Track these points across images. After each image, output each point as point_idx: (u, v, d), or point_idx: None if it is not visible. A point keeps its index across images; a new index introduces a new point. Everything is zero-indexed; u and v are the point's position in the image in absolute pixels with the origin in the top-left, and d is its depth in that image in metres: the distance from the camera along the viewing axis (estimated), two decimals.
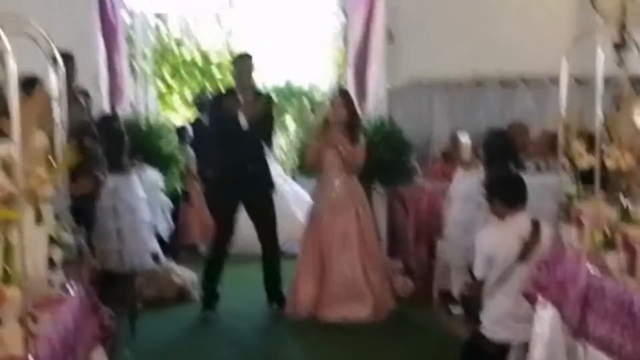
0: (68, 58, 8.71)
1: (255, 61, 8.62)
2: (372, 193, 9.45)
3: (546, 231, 6.11)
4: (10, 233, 3.43)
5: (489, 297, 6.18)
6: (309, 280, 8.16)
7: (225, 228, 8.51)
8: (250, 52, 8.75)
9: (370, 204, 9.34)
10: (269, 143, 8.91)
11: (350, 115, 8.24)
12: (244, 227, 8.68)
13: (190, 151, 10.77)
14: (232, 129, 8.27)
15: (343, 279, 8.05)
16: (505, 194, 6.35)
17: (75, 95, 8.92)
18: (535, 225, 6.14)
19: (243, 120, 8.25)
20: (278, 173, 11.83)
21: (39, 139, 4.23)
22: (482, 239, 6.35)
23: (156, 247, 8.77)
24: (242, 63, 8.56)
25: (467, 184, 8.23)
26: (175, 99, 13.60)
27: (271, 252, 8.56)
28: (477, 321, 6.21)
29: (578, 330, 4.95)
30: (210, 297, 8.50)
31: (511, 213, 6.23)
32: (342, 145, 8.13)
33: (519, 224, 6.15)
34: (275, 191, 8.86)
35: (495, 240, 6.23)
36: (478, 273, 6.30)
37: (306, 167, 9.11)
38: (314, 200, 8.53)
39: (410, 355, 7.22)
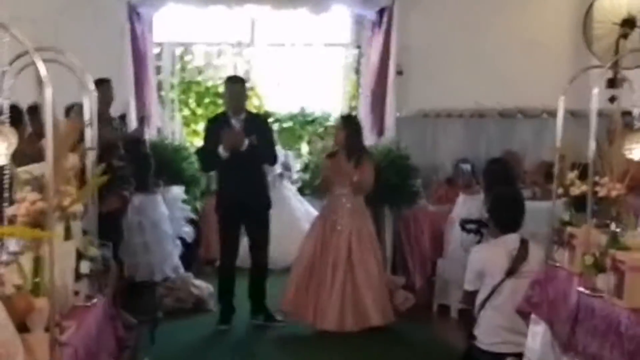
0: (105, 82, 8.77)
1: (246, 84, 8.50)
2: (381, 214, 9.43)
3: (537, 252, 6.14)
4: (41, 247, 3.41)
5: (482, 311, 6.20)
6: (304, 287, 8.06)
7: (229, 246, 8.38)
8: (241, 76, 8.62)
9: (379, 225, 9.34)
10: (272, 159, 8.74)
11: (348, 137, 8.16)
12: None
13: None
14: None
15: (340, 293, 7.97)
16: (499, 217, 6.39)
17: (110, 118, 8.97)
18: (524, 243, 6.18)
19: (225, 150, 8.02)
20: (292, 193, 11.82)
21: (71, 161, 4.22)
22: (474, 255, 6.42)
23: (177, 261, 8.76)
24: (233, 86, 8.37)
25: (468, 208, 8.25)
26: (201, 125, 13.62)
27: (259, 266, 8.42)
28: (473, 336, 6.20)
29: (568, 346, 4.97)
30: (226, 311, 8.41)
31: (504, 233, 6.27)
32: (350, 174, 8.06)
33: (508, 242, 6.19)
34: (272, 207, 8.55)
35: (485, 256, 6.30)
36: (468, 286, 6.37)
37: (320, 190, 9.01)
38: (321, 213, 8.43)
39: None
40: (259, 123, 8.42)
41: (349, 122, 8.50)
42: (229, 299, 8.43)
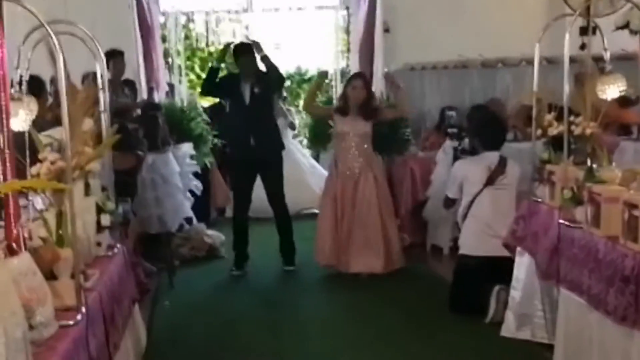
0: (118, 54, 8.74)
1: (254, 51, 8.34)
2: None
3: (514, 167, 6.52)
4: (63, 203, 3.44)
5: (465, 221, 6.62)
6: (330, 236, 8.02)
7: (243, 197, 8.43)
8: (248, 41, 8.59)
9: None
10: (280, 91, 8.73)
11: (368, 94, 8.16)
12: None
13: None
14: (238, 106, 8.19)
15: (363, 236, 7.97)
16: (485, 137, 6.70)
17: (122, 86, 8.97)
18: (502, 159, 6.56)
19: (246, 95, 8.16)
20: (297, 149, 11.85)
21: (87, 124, 4.23)
22: (457, 167, 6.92)
23: (190, 212, 8.80)
24: (243, 58, 8.27)
25: (451, 150, 8.30)
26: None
27: (282, 216, 8.45)
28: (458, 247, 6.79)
29: (546, 274, 5.03)
30: (240, 258, 8.42)
31: (486, 150, 6.64)
32: (361, 126, 8.08)
33: (489, 158, 6.58)
34: (284, 149, 8.65)
35: (466, 168, 6.71)
36: (449, 193, 6.88)
37: (305, 108, 8.99)
38: (334, 166, 8.29)
39: (408, 297, 7.27)
40: (267, 75, 8.33)
41: (366, 79, 8.54)
42: (243, 248, 8.45)
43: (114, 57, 8.78)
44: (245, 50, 8.40)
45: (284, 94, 12.49)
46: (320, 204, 8.42)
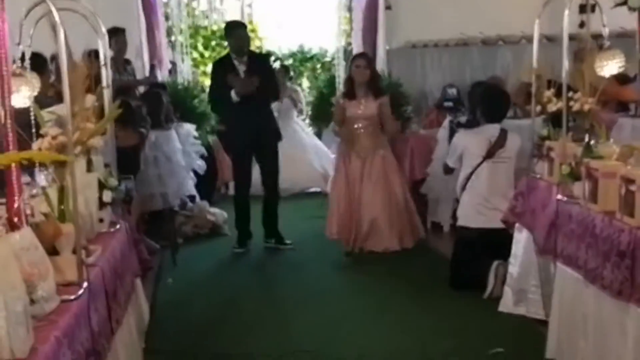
0: (120, 31, 8.72)
1: (247, 28, 8.44)
2: None
3: (514, 140, 6.53)
4: (64, 179, 3.45)
5: (463, 193, 6.68)
6: (340, 215, 7.96)
7: (243, 178, 8.41)
8: (242, 20, 8.56)
9: None
10: (275, 95, 8.73)
11: (372, 73, 8.11)
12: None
13: None
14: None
15: (371, 216, 7.93)
16: (488, 108, 6.70)
17: (124, 64, 8.96)
18: (503, 132, 6.56)
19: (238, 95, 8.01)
20: (301, 127, 11.81)
21: (89, 100, 4.24)
22: (458, 138, 6.92)
23: (193, 190, 8.80)
24: (236, 31, 8.26)
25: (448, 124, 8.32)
26: (209, 66, 13.61)
27: (272, 195, 8.44)
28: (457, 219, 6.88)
29: (544, 249, 5.05)
30: (243, 236, 8.44)
31: (487, 123, 6.65)
32: (370, 106, 7.98)
33: (490, 130, 6.58)
34: (281, 140, 8.55)
35: (467, 140, 6.73)
36: (449, 162, 6.90)
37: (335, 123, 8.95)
38: (342, 146, 8.24)
39: (408, 273, 7.27)
40: (261, 63, 8.35)
41: (369, 59, 8.50)
42: (245, 226, 8.46)
43: (116, 34, 8.75)
44: (238, 25, 8.53)
45: (291, 73, 12.47)
46: (332, 186, 8.37)
